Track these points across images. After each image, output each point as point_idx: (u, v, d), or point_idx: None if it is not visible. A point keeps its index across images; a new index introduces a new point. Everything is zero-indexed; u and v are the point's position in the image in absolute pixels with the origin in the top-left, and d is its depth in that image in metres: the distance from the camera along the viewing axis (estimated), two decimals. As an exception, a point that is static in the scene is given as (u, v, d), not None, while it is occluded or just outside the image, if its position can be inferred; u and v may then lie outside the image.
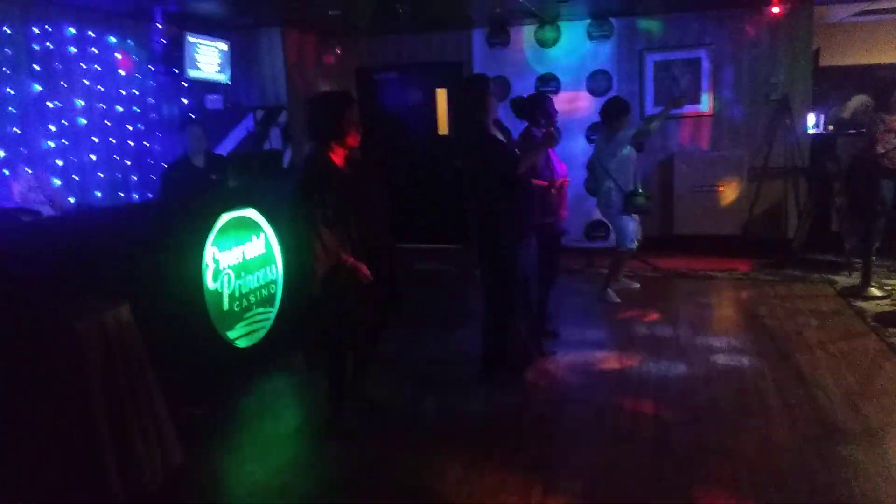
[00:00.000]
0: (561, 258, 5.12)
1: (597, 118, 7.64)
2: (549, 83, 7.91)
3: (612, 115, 5.61)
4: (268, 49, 7.46)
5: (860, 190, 6.65)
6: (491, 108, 4.00)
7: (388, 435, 3.64)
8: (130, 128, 6.24)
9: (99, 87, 5.90)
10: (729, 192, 7.51)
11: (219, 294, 4.36)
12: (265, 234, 4.82)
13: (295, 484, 3.22)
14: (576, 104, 7.87)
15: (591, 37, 7.74)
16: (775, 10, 7.14)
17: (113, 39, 6.05)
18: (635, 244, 5.80)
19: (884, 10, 7.88)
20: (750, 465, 3.15)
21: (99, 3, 5.73)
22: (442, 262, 7.65)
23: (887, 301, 5.52)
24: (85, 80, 5.78)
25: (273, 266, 4.92)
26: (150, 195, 6.32)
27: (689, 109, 7.63)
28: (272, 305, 4.91)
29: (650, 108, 7.71)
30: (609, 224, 6.45)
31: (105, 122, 5.97)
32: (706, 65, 7.54)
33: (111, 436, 2.87)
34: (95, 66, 5.88)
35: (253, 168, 5.49)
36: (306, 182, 3.44)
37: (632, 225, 5.72)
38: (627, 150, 5.63)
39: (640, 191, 5.70)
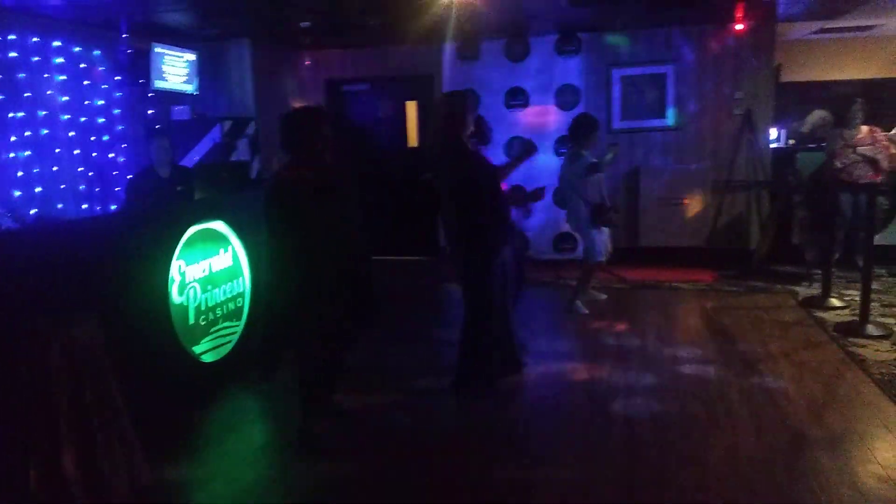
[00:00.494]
0: (530, 270, 5.16)
1: (565, 132, 7.76)
2: (518, 97, 7.99)
3: (581, 132, 5.68)
4: (236, 60, 7.42)
5: (820, 203, 6.82)
6: (469, 124, 4.04)
7: (359, 448, 3.61)
8: (95, 139, 6.13)
9: (63, 97, 5.79)
10: (693, 205, 7.65)
11: (184, 308, 4.29)
12: (232, 247, 4.77)
13: (264, 501, 3.17)
14: (544, 118, 7.97)
15: (559, 52, 7.85)
16: (739, 26, 7.33)
17: (78, 49, 5.95)
18: (604, 257, 5.86)
19: (842, 28, 8.12)
20: (719, 473, 3.19)
21: (64, 13, 5.64)
22: (412, 274, 7.65)
23: (847, 311, 5.66)
24: (49, 91, 5.68)
25: (240, 279, 4.86)
26: (115, 207, 6.21)
27: (655, 123, 7.78)
28: (239, 319, 4.85)
29: (617, 122, 7.84)
30: (578, 237, 6.52)
31: (69, 132, 5.86)
32: (671, 80, 7.68)
33: (77, 453, 2.80)
34: (60, 76, 5.78)
35: (220, 179, 5.44)
36: (273, 197, 3.50)
37: (600, 238, 5.78)
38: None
39: (608, 204, 5.78)
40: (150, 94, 6.63)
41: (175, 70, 6.61)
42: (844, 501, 2.93)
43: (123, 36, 6.24)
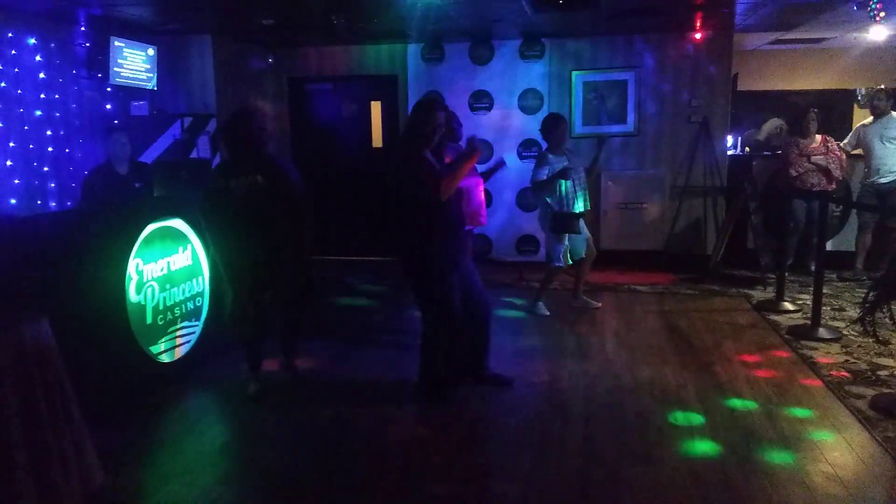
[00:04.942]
0: (492, 272, 5.16)
1: (528, 135, 7.86)
2: (482, 100, 8.03)
3: (547, 128, 5.70)
4: (197, 56, 7.30)
5: (774, 209, 7.00)
6: (432, 140, 3.90)
7: (317, 450, 3.59)
8: (50, 133, 5.97)
9: (17, 90, 5.63)
10: (652, 210, 7.79)
11: (142, 307, 4.23)
12: (192, 246, 4.71)
13: (221, 503, 3.14)
14: (508, 121, 8.02)
15: (523, 56, 7.91)
16: (697, 36, 7.48)
17: (33, 41, 5.80)
18: (563, 264, 5.79)
19: (795, 40, 8.36)
20: (674, 474, 3.25)
21: (18, 4, 5.49)
22: (376, 275, 7.62)
23: (799, 315, 5.81)
24: (1, 83, 5.52)
25: (199, 278, 4.80)
26: (70, 203, 6.07)
27: (615, 129, 7.89)
28: (198, 319, 4.79)
29: (578, 127, 7.92)
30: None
31: (23, 126, 5.70)
32: (632, 86, 7.81)
33: (28, 459, 2.72)
34: (14, 68, 5.62)
35: (180, 177, 5.35)
36: (211, 191, 4.01)
37: (560, 245, 5.72)
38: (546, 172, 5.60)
39: (573, 211, 5.67)
40: (108, 89, 6.49)
41: (134, 64, 6.48)
42: (794, 499, 3.01)
43: (81, 29, 6.10)
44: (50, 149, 5.98)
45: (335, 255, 8.16)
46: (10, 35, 5.58)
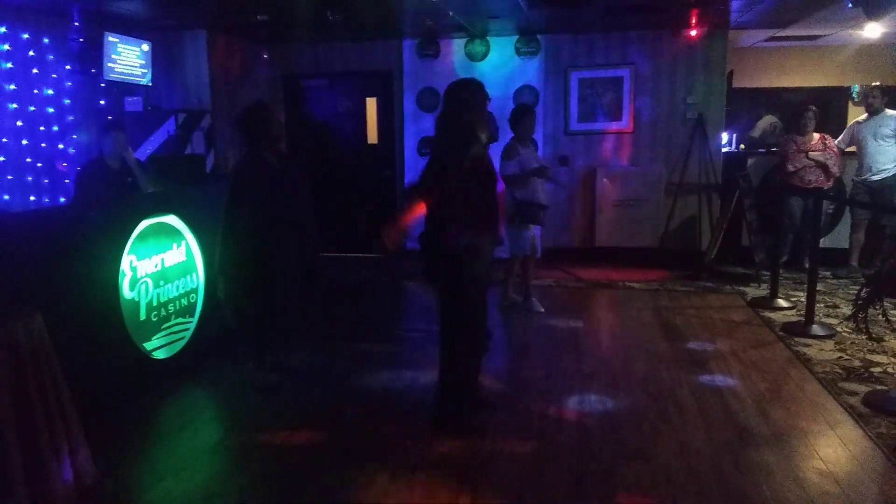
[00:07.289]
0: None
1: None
2: (477, 96, 8.00)
3: (516, 119, 5.68)
4: (192, 52, 7.27)
5: (769, 206, 7.02)
6: (482, 128, 3.80)
7: (313, 446, 3.59)
8: (43, 129, 5.95)
9: (10, 85, 5.61)
10: (647, 206, 7.79)
11: (136, 303, 4.21)
12: (186, 242, 4.70)
13: (216, 499, 3.13)
14: (503, 118, 7.98)
15: (518, 52, 7.90)
16: (693, 33, 7.49)
17: (26, 36, 5.77)
18: (520, 254, 5.76)
19: (790, 37, 8.37)
20: (669, 470, 3.26)
21: (11, -2, 5.47)
22: (369, 272, 7.62)
23: (793, 311, 5.83)
24: (-6, 78, 5.50)
25: (194, 274, 4.79)
26: (63, 199, 6.05)
27: (611, 126, 7.90)
28: (192, 315, 4.77)
29: (574, 124, 7.93)
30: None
31: (17, 122, 5.68)
32: (628, 83, 7.81)
33: (21, 455, 2.72)
34: (7, 63, 5.59)
35: (174, 173, 5.34)
36: (241, 179, 4.16)
37: (518, 234, 5.68)
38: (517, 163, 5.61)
39: (541, 203, 5.68)
40: (101, 85, 6.46)
41: (128, 60, 6.45)
42: (787, 495, 3.02)
43: (75, 24, 6.06)
44: (43, 144, 5.96)
45: (330, 251, 8.14)
46: (2, 30, 5.55)
